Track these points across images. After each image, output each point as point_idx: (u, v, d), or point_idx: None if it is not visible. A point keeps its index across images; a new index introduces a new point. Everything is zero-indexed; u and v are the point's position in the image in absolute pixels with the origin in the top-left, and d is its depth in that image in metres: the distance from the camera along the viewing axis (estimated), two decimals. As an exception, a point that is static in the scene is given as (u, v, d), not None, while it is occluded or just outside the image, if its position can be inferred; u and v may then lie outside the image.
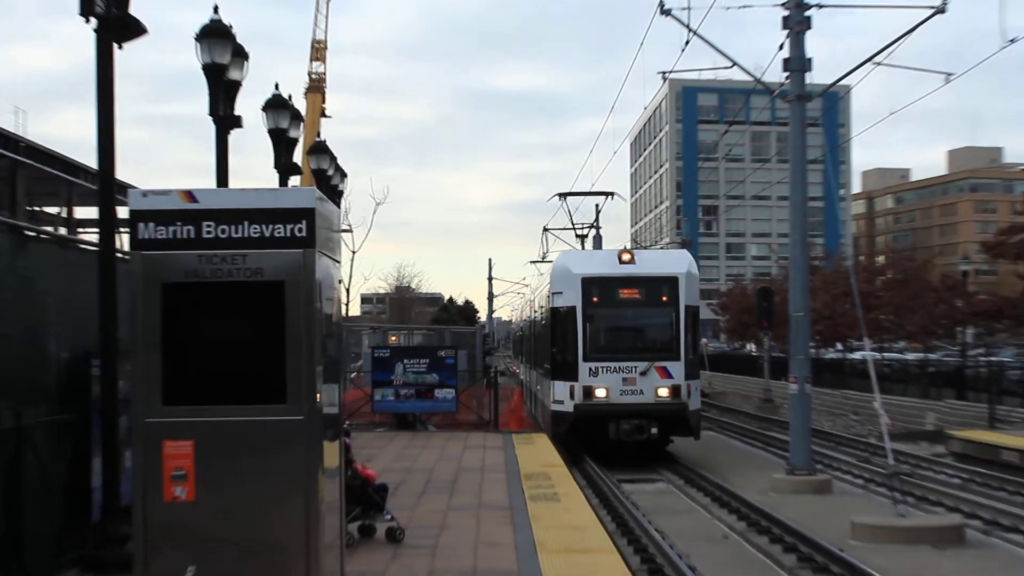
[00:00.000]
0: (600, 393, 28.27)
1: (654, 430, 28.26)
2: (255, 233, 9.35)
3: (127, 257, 10.91)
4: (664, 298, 29.26)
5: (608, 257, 31.39)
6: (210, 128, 17.72)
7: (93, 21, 12.76)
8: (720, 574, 16.64)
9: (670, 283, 29.24)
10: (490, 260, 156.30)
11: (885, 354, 64.72)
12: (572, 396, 28.46)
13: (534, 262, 59.13)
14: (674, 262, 30.75)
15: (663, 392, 28.38)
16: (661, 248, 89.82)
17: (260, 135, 22.89)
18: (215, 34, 17.02)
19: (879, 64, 26.71)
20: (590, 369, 28.42)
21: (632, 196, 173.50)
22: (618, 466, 27.89)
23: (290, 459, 9.26)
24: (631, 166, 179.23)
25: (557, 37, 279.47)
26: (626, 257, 30.15)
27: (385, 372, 32.09)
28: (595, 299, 29.14)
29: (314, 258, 9.39)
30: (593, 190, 44.33)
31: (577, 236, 43.72)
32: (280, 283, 9.33)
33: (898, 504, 20.59)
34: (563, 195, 42.15)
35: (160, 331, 9.29)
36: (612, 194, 42.73)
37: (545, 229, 52.00)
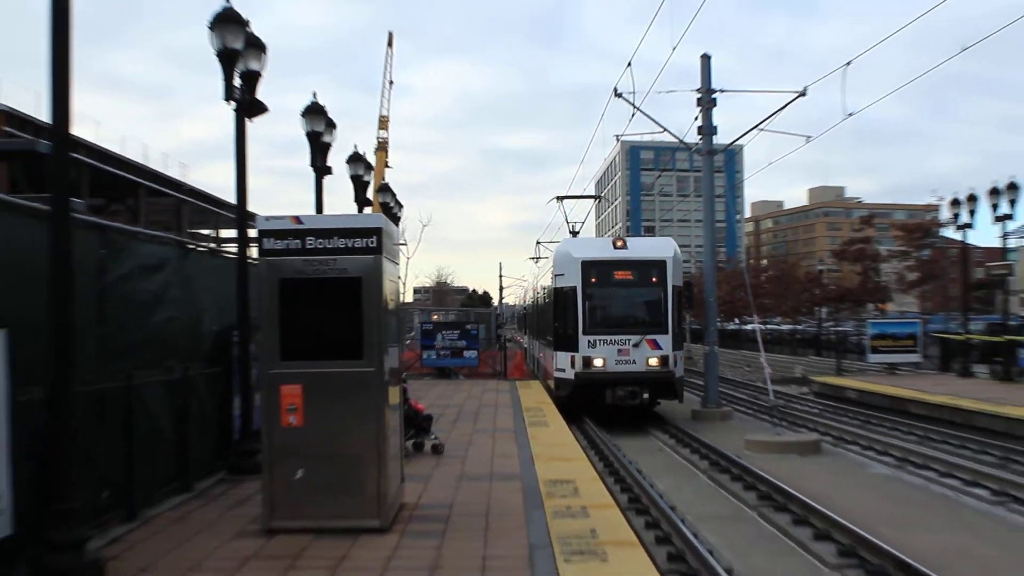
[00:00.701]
0: (598, 363, 23.65)
1: (646, 396, 23.70)
2: (342, 244, 9.32)
3: (256, 262, 10.94)
4: (654, 279, 24.28)
5: (604, 244, 26.44)
6: (310, 175, 17.69)
7: (232, 104, 12.80)
8: (655, 472, 16.63)
9: (659, 266, 24.28)
10: (500, 263, 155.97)
11: (768, 326, 64.49)
12: (573, 365, 23.83)
13: (532, 259, 56.50)
14: (662, 248, 25.46)
15: (653, 361, 23.62)
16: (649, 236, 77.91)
17: (343, 180, 23.06)
18: (314, 111, 17.05)
19: (762, 129, 26.73)
20: (589, 341, 23.72)
21: (596, 220, 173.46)
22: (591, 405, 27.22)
23: (366, 397, 9.23)
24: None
25: (546, 112, 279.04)
26: (619, 244, 25.20)
27: (430, 339, 32.11)
28: (593, 280, 24.20)
29: (381, 261, 9.37)
30: (585, 194, 37.95)
31: (570, 232, 36.87)
32: (359, 278, 9.29)
33: (776, 427, 20.65)
34: (560, 198, 35.80)
35: (278, 311, 9.28)
36: (599, 198, 37.63)
37: (538, 242, 51.91)
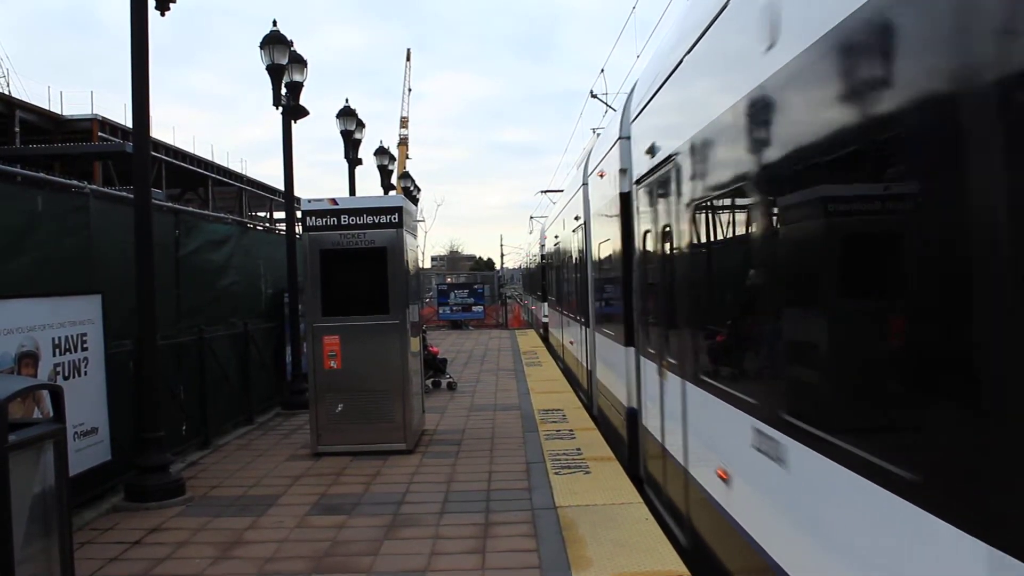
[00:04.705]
0: None
1: None
2: (370, 221, 9.24)
3: (301, 236, 10.84)
4: None
5: None
6: (345, 166, 17.59)
7: (280, 109, 12.66)
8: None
9: None
10: (501, 235, 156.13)
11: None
12: None
13: (544, 193, 42.22)
14: None
15: None
16: None
17: (372, 169, 22.80)
18: (347, 113, 16.88)
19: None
20: None
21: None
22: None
23: (392, 345, 9.18)
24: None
25: (536, 112, 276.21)
26: None
27: (444, 297, 32.11)
28: None
29: (403, 234, 9.29)
30: None
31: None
32: (384, 248, 9.22)
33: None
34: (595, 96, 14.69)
35: (320, 276, 9.23)
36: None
37: (531, 217, 50.63)
